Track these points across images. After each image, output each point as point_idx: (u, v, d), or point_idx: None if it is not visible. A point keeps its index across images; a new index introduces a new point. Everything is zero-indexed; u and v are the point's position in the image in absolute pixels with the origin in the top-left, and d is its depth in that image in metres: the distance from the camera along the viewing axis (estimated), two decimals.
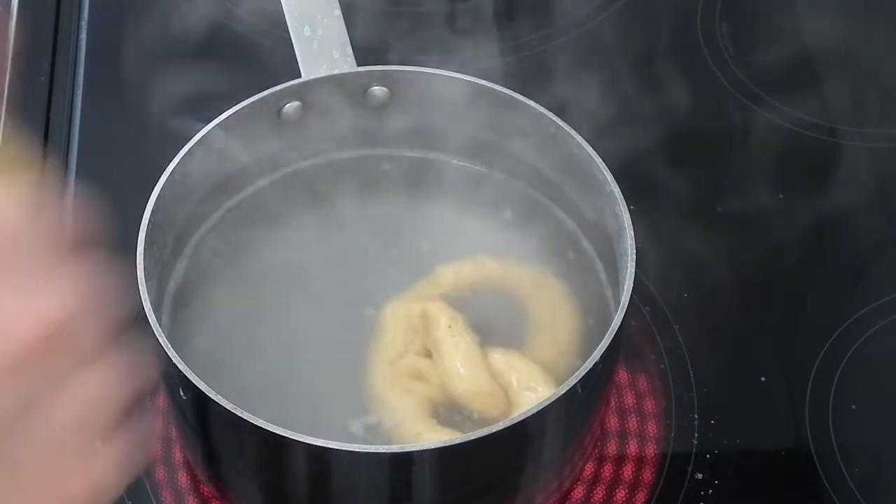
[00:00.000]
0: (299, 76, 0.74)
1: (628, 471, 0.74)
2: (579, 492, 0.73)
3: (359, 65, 0.75)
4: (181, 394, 0.63)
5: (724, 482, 0.73)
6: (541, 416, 0.61)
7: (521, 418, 0.60)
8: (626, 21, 0.97)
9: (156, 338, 0.62)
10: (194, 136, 0.71)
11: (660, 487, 0.73)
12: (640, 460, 0.75)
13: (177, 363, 0.61)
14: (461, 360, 0.69)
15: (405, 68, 0.75)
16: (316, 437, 0.59)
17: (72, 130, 0.91)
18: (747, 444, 0.75)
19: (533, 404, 0.61)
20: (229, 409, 0.60)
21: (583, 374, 0.61)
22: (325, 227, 0.76)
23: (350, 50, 0.75)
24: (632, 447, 0.75)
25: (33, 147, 0.56)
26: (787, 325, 0.82)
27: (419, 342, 0.70)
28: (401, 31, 0.94)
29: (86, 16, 0.98)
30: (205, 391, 0.60)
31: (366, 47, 0.78)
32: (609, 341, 0.63)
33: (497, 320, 0.72)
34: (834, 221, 0.87)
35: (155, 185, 0.68)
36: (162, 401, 0.74)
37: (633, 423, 0.76)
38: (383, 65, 0.75)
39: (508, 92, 0.73)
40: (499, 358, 0.69)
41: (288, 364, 0.71)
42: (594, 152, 0.71)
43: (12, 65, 0.94)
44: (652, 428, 0.76)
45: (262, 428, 0.59)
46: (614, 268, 0.70)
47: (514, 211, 0.76)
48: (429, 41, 0.89)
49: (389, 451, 0.60)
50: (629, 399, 0.76)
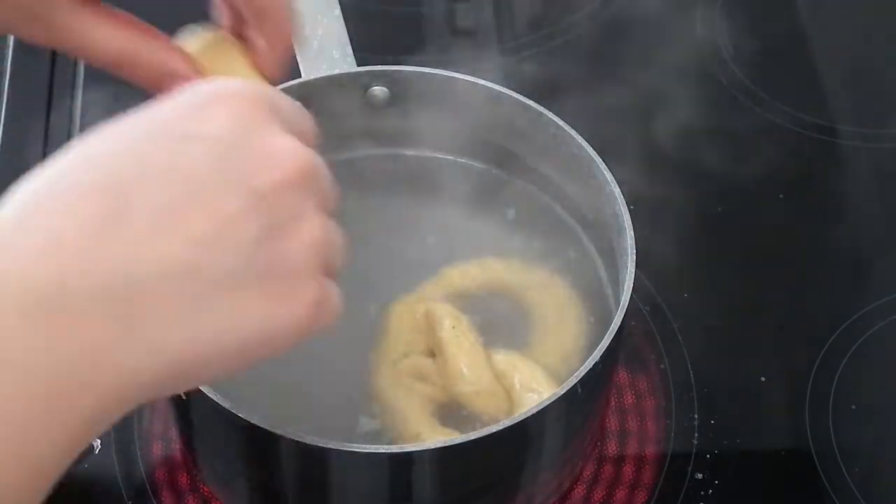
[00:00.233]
0: (299, 76, 0.74)
1: (628, 471, 0.74)
2: (579, 492, 0.73)
3: (359, 65, 0.75)
4: (181, 394, 0.63)
5: (724, 482, 0.73)
6: (541, 416, 0.61)
7: (521, 418, 0.60)
8: (626, 21, 0.97)
9: None
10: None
11: (660, 487, 0.73)
12: (639, 460, 0.75)
13: None
14: (464, 361, 0.69)
15: (405, 68, 0.75)
16: (316, 438, 0.59)
17: (72, 130, 0.91)
18: (747, 444, 0.75)
19: (533, 406, 0.61)
20: (229, 409, 0.60)
21: (583, 373, 0.61)
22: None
23: (350, 50, 0.75)
24: (632, 447, 0.75)
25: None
26: (787, 325, 0.82)
27: (423, 342, 0.70)
28: (401, 30, 0.94)
29: None
30: (205, 391, 0.60)
31: (366, 47, 0.78)
32: (609, 341, 0.63)
33: (502, 322, 0.72)
34: (834, 221, 0.87)
35: None
36: (161, 401, 0.74)
37: (632, 423, 0.76)
38: (383, 65, 0.75)
39: (508, 92, 0.73)
40: (502, 359, 0.69)
41: (289, 363, 0.70)
42: (594, 152, 0.71)
43: (12, 65, 0.94)
44: (652, 428, 0.76)
45: (261, 428, 0.59)
46: (615, 267, 0.70)
47: (515, 210, 0.76)
48: (429, 41, 0.89)
49: (389, 451, 0.60)
50: (629, 399, 0.76)
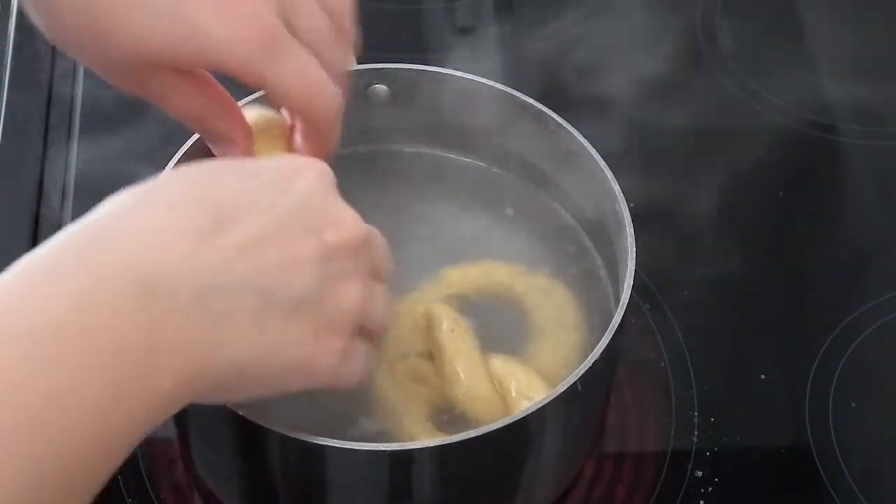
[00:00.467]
0: None
1: (628, 468, 0.74)
2: (579, 489, 0.73)
3: (359, 63, 0.75)
4: None
5: (723, 480, 0.73)
6: (541, 414, 0.61)
7: (520, 416, 0.60)
8: (626, 20, 0.97)
9: None
10: (195, 134, 0.71)
11: (660, 485, 0.73)
12: (639, 458, 0.75)
13: None
14: (461, 365, 0.69)
15: (406, 66, 0.75)
16: (316, 436, 0.59)
17: (72, 130, 0.91)
18: (747, 441, 0.75)
19: None
20: (230, 408, 0.60)
21: (582, 371, 0.62)
22: None
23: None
24: (632, 445, 0.75)
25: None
26: (787, 324, 0.82)
27: (422, 343, 0.70)
28: (401, 29, 0.94)
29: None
30: None
31: (366, 46, 0.78)
32: (609, 339, 0.63)
33: (501, 325, 0.72)
34: (833, 220, 0.87)
35: None
36: None
37: (632, 421, 0.76)
38: (383, 63, 0.75)
39: (509, 90, 0.73)
40: (499, 364, 0.69)
41: None
42: (594, 150, 0.71)
43: (12, 64, 0.94)
44: (652, 426, 0.76)
45: (262, 427, 0.59)
46: (615, 265, 0.71)
47: (515, 208, 0.76)
48: (429, 39, 0.89)
49: (389, 450, 0.60)
50: (629, 397, 0.76)
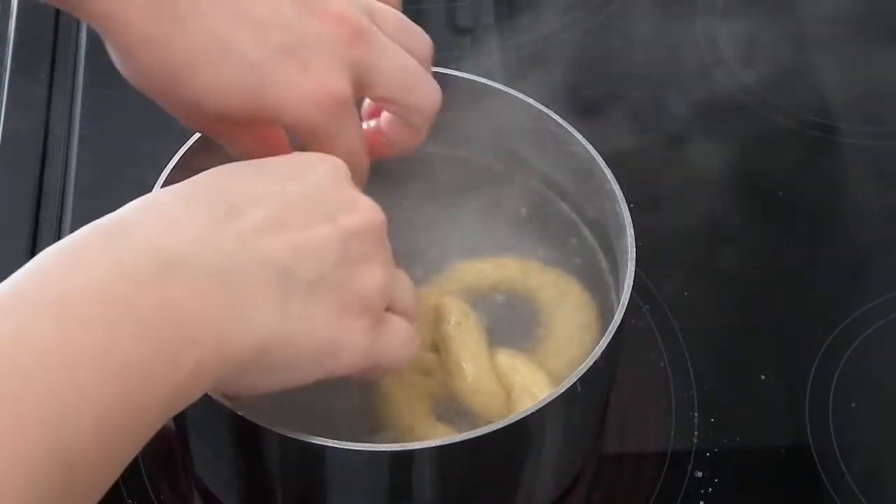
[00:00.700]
0: None
1: (628, 469, 0.74)
2: (579, 490, 0.73)
3: None
4: None
5: (723, 480, 0.73)
6: (541, 415, 0.61)
7: (521, 416, 0.60)
8: (627, 20, 0.97)
9: None
10: (195, 135, 0.71)
11: (660, 486, 0.73)
12: (639, 458, 0.75)
13: None
14: (466, 358, 0.68)
15: None
16: (316, 437, 0.59)
17: (72, 130, 0.91)
18: (747, 442, 0.75)
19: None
20: (229, 407, 0.60)
21: (583, 372, 0.61)
22: None
23: None
24: (632, 445, 0.75)
25: None
26: (787, 325, 0.82)
27: (430, 336, 0.70)
28: None
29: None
30: None
31: None
32: (609, 339, 0.63)
33: (512, 321, 0.72)
34: (833, 220, 0.87)
35: (155, 185, 0.68)
36: None
37: (632, 422, 0.76)
38: None
39: (509, 90, 0.73)
40: (504, 360, 0.69)
41: None
42: (594, 150, 0.71)
43: (12, 65, 0.94)
44: (652, 426, 0.76)
45: (262, 427, 0.59)
46: (615, 265, 0.71)
47: (515, 208, 0.76)
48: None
49: (390, 450, 0.60)
50: (629, 397, 0.76)
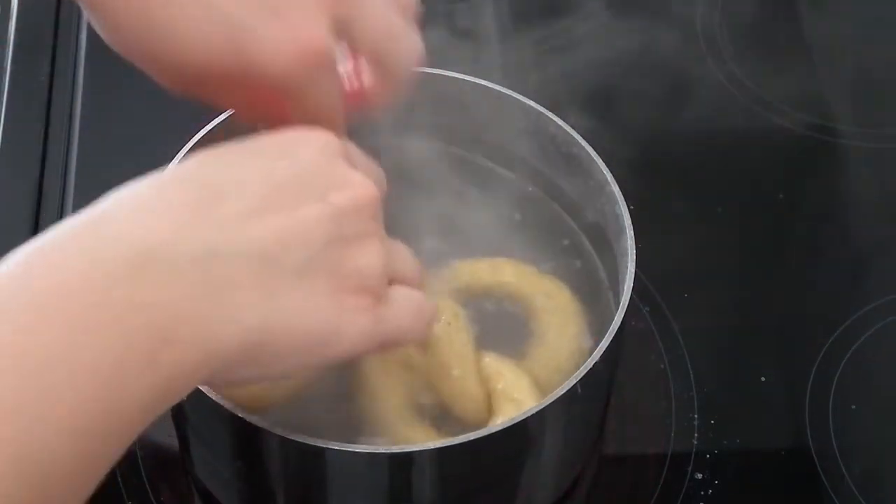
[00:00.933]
0: None
1: (628, 471, 0.74)
2: (579, 492, 0.73)
3: None
4: None
5: (723, 482, 0.73)
6: (541, 416, 0.61)
7: (521, 418, 0.60)
8: (626, 21, 0.96)
9: None
10: (194, 136, 0.71)
11: (660, 487, 0.73)
12: (639, 460, 0.75)
13: None
14: (452, 359, 0.68)
15: None
16: (316, 438, 0.59)
17: (72, 130, 0.91)
18: (747, 444, 0.75)
19: (511, 415, 0.61)
20: (229, 408, 0.60)
21: (583, 373, 0.61)
22: None
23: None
24: (632, 447, 0.75)
25: None
26: (787, 325, 0.82)
27: None
28: None
29: (86, 16, 0.98)
30: (204, 391, 0.60)
31: None
32: (609, 341, 0.63)
33: (503, 325, 0.71)
34: (834, 221, 0.87)
35: None
36: None
37: (632, 423, 0.76)
38: None
39: (508, 91, 0.73)
40: (490, 363, 0.68)
41: None
42: (594, 152, 0.71)
43: (12, 65, 0.94)
44: (652, 428, 0.76)
45: (261, 428, 0.59)
46: (615, 267, 0.70)
47: (514, 209, 0.76)
48: (428, 40, 0.89)
49: (389, 452, 0.60)
50: (629, 399, 0.76)
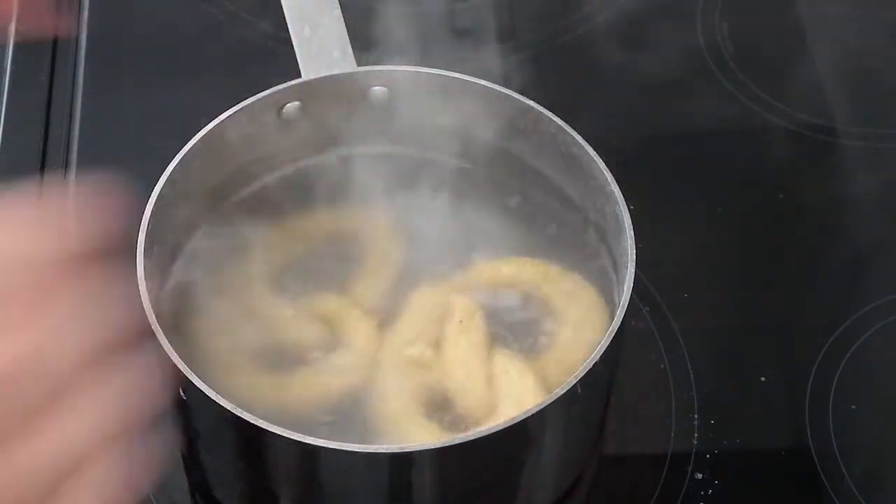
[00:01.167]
0: (299, 76, 0.74)
1: (628, 471, 0.74)
2: (579, 492, 0.73)
3: (359, 65, 0.75)
4: (181, 394, 0.63)
5: (724, 482, 0.73)
6: (541, 416, 0.61)
7: (521, 418, 0.60)
8: (626, 20, 0.97)
9: (156, 338, 0.62)
10: (194, 136, 0.71)
11: (660, 487, 0.73)
12: (639, 460, 0.75)
13: (177, 363, 0.61)
14: (462, 360, 0.69)
15: (405, 68, 0.75)
16: (316, 438, 0.59)
17: (72, 130, 0.91)
18: (747, 444, 0.75)
19: (511, 414, 0.61)
20: (229, 409, 0.60)
21: (582, 373, 0.61)
22: (327, 226, 0.76)
23: (350, 50, 0.75)
24: (632, 447, 0.75)
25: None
26: (787, 325, 0.82)
27: (433, 332, 0.70)
28: (401, 30, 0.94)
29: (86, 16, 0.98)
30: (205, 391, 0.60)
31: (366, 47, 0.78)
32: (609, 341, 0.63)
33: (520, 324, 0.71)
34: (834, 221, 0.87)
35: (155, 185, 0.69)
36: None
37: (632, 423, 0.76)
38: (383, 65, 0.75)
39: (508, 92, 0.73)
40: (499, 361, 0.69)
41: (291, 364, 0.71)
42: (594, 152, 0.71)
43: (12, 65, 0.94)
44: (651, 428, 0.76)
45: (261, 428, 0.59)
46: (615, 267, 0.70)
47: (515, 209, 0.76)
48: (429, 41, 0.89)
49: (389, 451, 0.60)
50: (629, 399, 0.76)
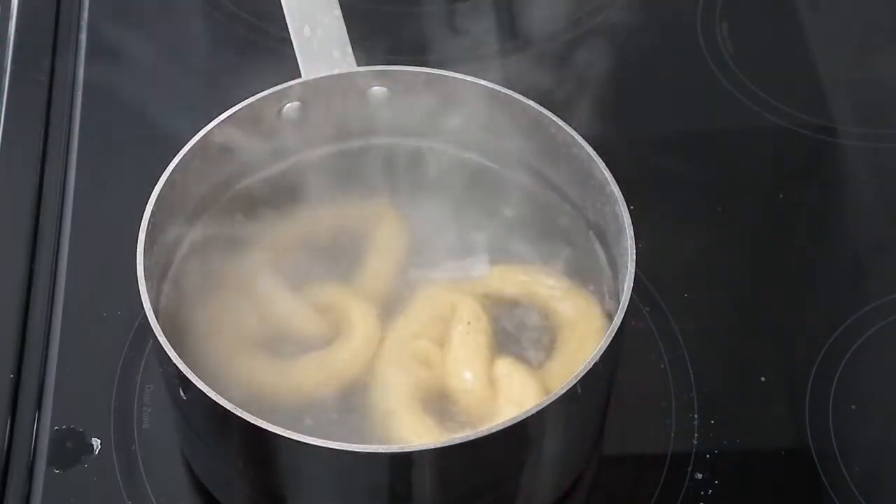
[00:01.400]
0: (299, 76, 0.74)
1: (628, 471, 0.74)
2: (579, 492, 0.73)
3: (359, 65, 0.75)
4: (181, 394, 0.63)
5: (723, 482, 0.73)
6: (541, 416, 0.61)
7: (521, 418, 0.60)
8: (627, 21, 0.97)
9: (156, 338, 0.62)
10: (194, 136, 0.71)
11: (660, 487, 0.73)
12: (639, 460, 0.75)
13: (177, 363, 0.61)
14: (466, 361, 0.69)
15: (405, 68, 0.75)
16: (316, 438, 0.59)
17: (72, 130, 0.91)
18: (747, 444, 0.75)
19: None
20: (229, 409, 0.60)
21: (582, 374, 0.61)
22: (328, 223, 0.76)
23: (350, 50, 0.75)
24: (631, 447, 0.75)
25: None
26: (787, 325, 0.82)
27: (439, 331, 0.70)
28: (401, 30, 0.94)
29: (86, 16, 0.98)
30: (205, 391, 0.60)
31: (366, 47, 0.78)
32: (609, 341, 0.63)
33: (526, 332, 0.72)
34: (834, 221, 0.87)
35: (155, 186, 0.69)
36: (161, 401, 0.74)
37: (632, 423, 0.76)
38: (383, 65, 0.75)
39: (508, 92, 0.73)
40: (502, 365, 0.69)
41: (293, 353, 0.71)
42: (594, 152, 0.71)
43: (12, 65, 0.94)
44: (651, 428, 0.76)
45: (262, 428, 0.59)
46: (615, 267, 0.71)
47: (513, 209, 0.76)
48: (429, 41, 0.89)
49: (389, 451, 0.60)
50: (629, 399, 0.76)
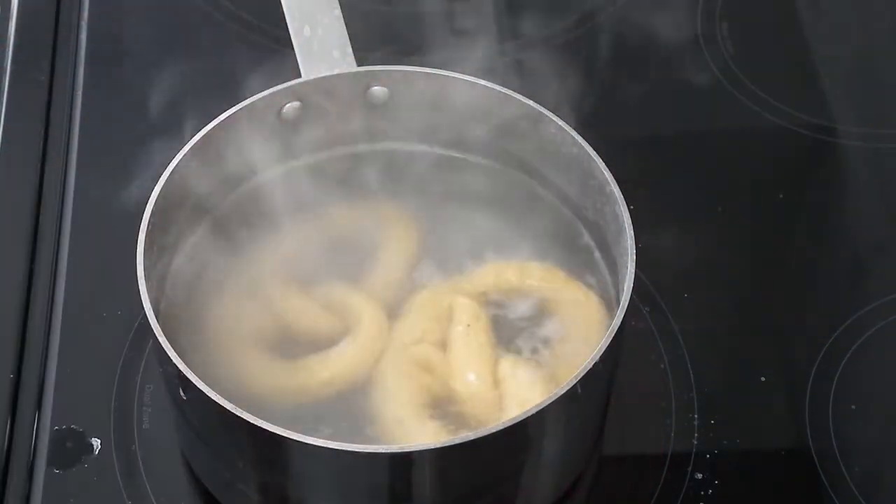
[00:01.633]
0: (299, 76, 0.74)
1: (628, 471, 0.74)
2: (579, 492, 0.73)
3: (359, 65, 0.75)
4: (181, 394, 0.63)
5: (723, 482, 0.73)
6: (541, 416, 0.61)
7: (521, 418, 0.60)
8: (627, 21, 0.97)
9: (156, 338, 0.62)
10: (194, 136, 0.71)
11: (660, 487, 0.73)
12: (639, 460, 0.75)
13: (177, 363, 0.61)
14: (468, 363, 0.69)
15: (405, 68, 0.75)
16: (316, 438, 0.59)
17: (72, 130, 0.91)
18: (747, 444, 0.75)
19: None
20: (229, 409, 0.60)
21: (582, 373, 0.61)
22: (325, 225, 0.76)
23: (350, 50, 0.75)
24: (631, 447, 0.75)
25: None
26: (787, 325, 0.82)
27: (440, 333, 0.70)
28: (401, 30, 0.94)
29: (86, 16, 0.98)
30: (205, 391, 0.60)
31: (365, 47, 0.78)
32: (609, 341, 0.63)
33: (526, 328, 0.72)
34: (834, 221, 0.87)
35: (155, 185, 0.69)
36: (161, 401, 0.74)
37: (632, 423, 0.76)
38: (383, 65, 0.75)
39: (508, 92, 0.73)
40: (506, 364, 0.69)
41: (299, 352, 0.71)
42: (594, 152, 0.71)
43: (12, 65, 0.94)
44: (652, 428, 0.76)
45: (262, 428, 0.59)
46: (615, 267, 0.71)
47: (513, 209, 0.76)
48: (429, 41, 0.89)
49: (390, 451, 0.60)
50: (629, 399, 0.76)
